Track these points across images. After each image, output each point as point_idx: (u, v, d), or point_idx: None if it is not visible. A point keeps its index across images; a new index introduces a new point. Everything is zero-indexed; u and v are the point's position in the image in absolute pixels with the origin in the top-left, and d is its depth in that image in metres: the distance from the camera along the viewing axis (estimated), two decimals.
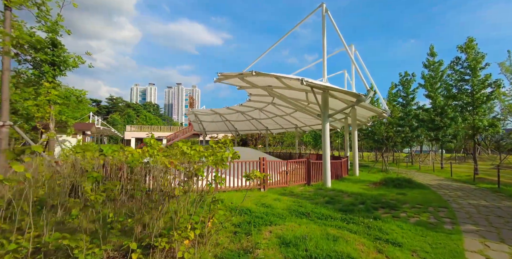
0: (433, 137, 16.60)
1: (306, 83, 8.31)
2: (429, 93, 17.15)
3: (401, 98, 22.18)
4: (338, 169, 11.53)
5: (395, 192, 8.15)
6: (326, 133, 9.24)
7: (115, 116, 65.98)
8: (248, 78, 11.86)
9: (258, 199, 6.41)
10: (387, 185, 9.45)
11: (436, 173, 14.97)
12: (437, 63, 17.19)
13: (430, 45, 17.67)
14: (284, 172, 9.01)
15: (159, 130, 45.20)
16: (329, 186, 9.02)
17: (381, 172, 14.68)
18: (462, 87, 13.85)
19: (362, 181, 10.82)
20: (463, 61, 13.69)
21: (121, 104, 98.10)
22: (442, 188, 9.33)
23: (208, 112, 26.90)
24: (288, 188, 8.58)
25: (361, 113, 14.47)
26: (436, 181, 11.52)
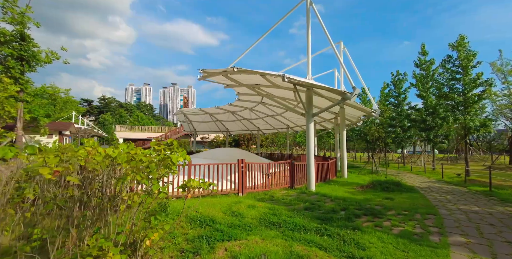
0: (425, 137, 16.22)
1: (287, 79, 7.76)
2: (421, 92, 16.78)
3: (393, 98, 21.86)
4: (325, 171, 11.01)
5: (382, 197, 7.64)
6: (310, 133, 8.71)
7: (106, 116, 64.69)
8: (232, 75, 11.29)
9: (230, 206, 5.81)
10: (375, 188, 8.95)
11: (428, 174, 14.58)
12: (429, 62, 16.84)
13: (422, 44, 17.33)
14: (266, 175, 8.44)
15: (150, 131, 44.31)
16: (313, 189, 8.48)
17: (372, 174, 14.22)
18: (454, 86, 13.49)
19: (349, 184, 10.32)
20: (455, 60, 13.33)
21: (113, 104, 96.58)
22: (432, 191, 8.86)
23: (198, 111, 26.20)
24: (270, 192, 8.00)
25: (351, 112, 14.00)
26: (426, 183, 11.08)
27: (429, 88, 16.69)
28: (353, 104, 11.90)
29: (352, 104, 12.10)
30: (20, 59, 10.40)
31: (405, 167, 19.01)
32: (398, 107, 21.12)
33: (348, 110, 13.79)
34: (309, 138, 8.73)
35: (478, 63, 12.63)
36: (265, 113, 23.45)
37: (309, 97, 8.94)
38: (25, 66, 10.49)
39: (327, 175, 11.20)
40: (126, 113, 76.39)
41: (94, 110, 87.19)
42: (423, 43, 17.32)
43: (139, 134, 42.49)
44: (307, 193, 8.12)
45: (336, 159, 13.09)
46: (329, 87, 8.11)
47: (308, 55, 9.21)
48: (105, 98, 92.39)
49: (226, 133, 32.20)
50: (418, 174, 15.08)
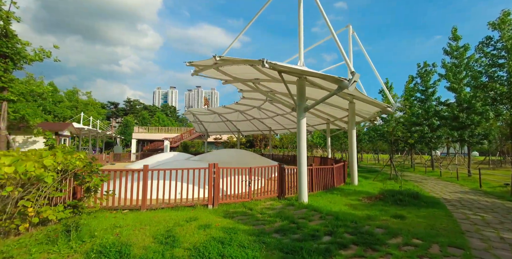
0: (457, 137, 13.64)
1: (268, 65, 6.32)
2: (452, 84, 14.21)
3: (419, 92, 19.16)
4: (327, 177, 9.29)
5: (391, 213, 5.85)
6: (302, 130, 7.15)
7: (129, 118, 67.26)
8: (223, 68, 10.11)
9: (176, 225, 4.53)
10: (385, 200, 7.12)
11: (461, 182, 12.08)
12: (462, 48, 14.21)
13: (453, 27, 14.72)
14: (246, 182, 7.03)
15: (166, 131, 44.75)
16: (305, 201, 6.90)
17: (389, 180, 12.10)
18: (495, 74, 10.95)
19: (356, 194, 8.52)
20: (496, 41, 10.80)
21: (138, 107, 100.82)
22: (464, 207, 6.81)
23: (206, 111, 25.44)
24: (250, 204, 6.60)
25: (364, 108, 12.05)
26: (457, 194, 8.87)
27: (462, 79, 14.07)
28: (363, 97, 10.04)
29: (361, 97, 10.24)
30: (3, 56, 10.09)
31: (434, 172, 16.35)
32: (425, 103, 18.39)
33: (360, 105, 11.86)
34: (300, 137, 7.17)
35: None
36: (274, 112, 21.96)
37: (300, 88, 7.38)
38: (9, 63, 10.16)
39: (330, 181, 9.47)
40: (148, 115, 78.98)
41: (120, 112, 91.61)
42: (454, 27, 14.72)
43: (156, 135, 43.04)
44: (295, 205, 6.58)
45: (343, 162, 11.24)
46: (321, 74, 6.50)
47: (299, 36, 7.64)
48: (130, 101, 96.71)
49: (238, 134, 31.14)
50: (449, 181, 12.60)
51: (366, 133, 30.26)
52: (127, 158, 28.60)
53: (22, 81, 11.22)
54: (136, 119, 76.48)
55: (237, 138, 31.53)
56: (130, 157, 28.94)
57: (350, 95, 10.89)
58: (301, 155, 7.11)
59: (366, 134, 30.88)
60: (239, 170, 6.90)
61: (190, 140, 38.56)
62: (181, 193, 5.99)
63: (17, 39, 10.41)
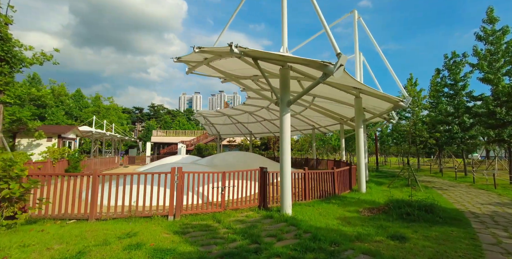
0: (494, 137, 11.45)
1: (238, 50, 5.38)
2: (486, 75, 12.06)
3: (447, 87, 16.86)
4: (325, 184, 8.01)
5: (390, 232, 4.52)
6: (285, 128, 6.06)
7: (151, 122, 69.76)
8: (216, 64, 9.39)
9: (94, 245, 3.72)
10: (389, 213, 5.72)
11: (499, 190, 9.97)
12: (499, 31, 12.05)
13: (488, 8, 12.60)
14: (219, 189, 6.08)
15: (183, 135, 45.40)
16: (288, 212, 5.77)
17: (407, 187, 10.37)
18: None
19: (358, 203, 7.15)
20: None
21: (162, 111, 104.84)
22: (496, 225, 5.19)
23: (216, 113, 24.96)
24: (222, 215, 5.67)
25: (373, 104, 10.54)
26: (491, 206, 7.08)
27: (500, 68, 11.90)
28: (369, 90, 8.64)
29: (367, 90, 8.84)
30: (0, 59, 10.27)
31: (466, 178, 14.00)
32: (454, 99, 16.07)
33: (369, 101, 10.38)
34: (283, 136, 6.09)
35: None
36: None
37: (284, 78, 6.30)
38: (5, 66, 10.32)
39: (329, 188, 8.16)
40: (170, 119, 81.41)
41: (145, 117, 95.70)
42: (490, 7, 12.58)
43: (173, 138, 43.80)
44: (275, 218, 5.49)
45: (350, 166, 9.79)
46: (304, 59, 5.37)
47: (283, 19, 6.59)
48: (154, 106, 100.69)
49: (250, 136, 30.27)
50: (484, 189, 10.50)
51: (389, 134, 27.76)
52: (142, 161, 29.06)
53: (21, 84, 11.42)
54: (159, 124, 79.27)
55: (250, 141, 30.66)
56: (145, 160, 29.40)
57: (356, 89, 9.52)
58: (284, 156, 6.01)
59: (389, 136, 28.34)
60: (209, 175, 5.96)
61: (205, 143, 38.50)
62: (137, 201, 5.21)
63: (15, 42, 10.57)
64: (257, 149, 38.15)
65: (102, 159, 19.47)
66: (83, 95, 43.29)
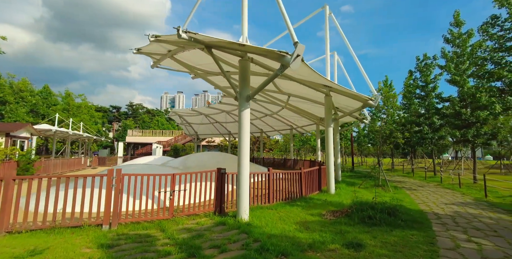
0: (460, 137, 11.69)
1: (187, 36, 4.80)
2: (453, 77, 12.32)
3: (418, 89, 17.25)
4: (292, 185, 7.60)
5: (348, 239, 4.14)
6: (244, 124, 5.56)
7: (128, 122, 66.84)
8: (180, 57, 8.70)
9: None
10: (352, 217, 5.38)
11: (464, 190, 10.12)
12: (465, 34, 12.35)
13: (455, 12, 12.91)
14: (167, 193, 5.44)
15: (160, 135, 43.75)
16: (244, 217, 5.25)
17: (377, 187, 10.26)
18: (503, 60, 9.11)
19: (324, 206, 6.80)
20: (504, 21, 8.99)
21: (141, 111, 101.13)
22: (456, 227, 5.00)
23: (192, 112, 24.05)
24: (169, 223, 5.05)
25: (344, 102, 10.35)
26: (454, 206, 7.01)
27: (465, 70, 12.18)
28: (339, 88, 8.38)
29: (337, 88, 8.58)
30: None
31: (435, 178, 14.30)
32: (425, 100, 16.46)
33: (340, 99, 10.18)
34: (242, 133, 5.58)
35: None
36: (262, 112, 20.37)
37: (243, 71, 5.79)
38: None
39: (297, 190, 7.77)
40: (149, 119, 78.51)
41: (122, 116, 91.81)
42: (456, 11, 12.89)
43: (150, 138, 42.07)
44: (229, 224, 4.95)
45: (319, 166, 9.48)
46: (264, 49, 4.90)
47: (243, 6, 6.10)
48: (132, 105, 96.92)
49: (229, 136, 29.59)
50: (450, 188, 10.64)
51: (365, 135, 28.22)
52: (114, 162, 27.44)
53: None
54: (137, 123, 76.23)
55: (229, 141, 29.98)
56: (117, 161, 27.78)
57: (326, 87, 9.26)
58: (242, 156, 5.50)
59: (366, 136, 28.83)
60: (155, 177, 5.30)
61: (183, 143, 37.28)
62: (64, 208, 4.45)
63: None
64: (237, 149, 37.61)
65: (65, 160, 17.97)
66: (51, 92, 40.38)
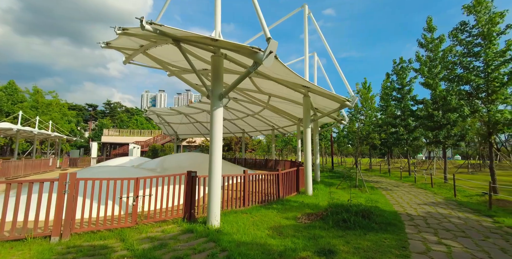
0: (432, 138, 12.12)
1: (152, 27, 4.41)
2: (427, 80, 12.75)
3: (395, 91, 17.78)
4: (268, 187, 7.38)
5: (321, 245, 3.97)
6: (216, 124, 5.26)
7: (104, 121, 63.73)
8: (153, 52, 8.17)
9: None
10: (326, 220, 5.24)
11: (435, 189, 10.46)
12: (437, 39, 12.83)
13: (428, 17, 13.38)
14: (129, 199, 4.99)
15: (138, 135, 42.09)
16: (215, 224, 4.93)
17: (354, 188, 10.34)
18: (471, 64, 9.50)
19: (300, 208, 6.63)
20: (472, 27, 9.37)
21: (119, 109, 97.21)
22: (428, 229, 5.01)
23: (171, 111, 23.22)
24: (131, 231, 4.62)
25: (322, 103, 10.34)
26: (426, 207, 7.13)
27: (437, 74, 12.65)
28: (316, 89, 8.30)
29: (315, 89, 8.51)
30: None
31: (409, 178, 14.79)
32: (401, 102, 16.99)
33: (318, 100, 10.14)
34: (214, 133, 5.27)
35: (508, 27, 8.61)
36: (244, 112, 20.07)
37: (215, 67, 5.47)
38: None
39: (274, 192, 7.56)
40: (128, 118, 75.41)
41: (99, 115, 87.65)
42: (429, 16, 13.37)
43: (127, 138, 40.30)
44: (197, 232, 4.61)
45: (298, 166, 9.36)
46: (236, 44, 4.62)
47: (216, 1, 5.79)
48: (110, 103, 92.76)
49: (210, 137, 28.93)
50: (423, 188, 10.97)
51: (345, 136, 28.83)
52: (87, 164, 25.88)
53: None
54: (114, 122, 73.00)
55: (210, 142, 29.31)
56: (90, 162, 26.22)
57: (305, 87, 9.15)
58: (213, 157, 5.18)
59: (345, 137, 29.46)
60: (116, 182, 4.84)
61: (162, 144, 36.07)
62: (3, 218, 3.88)
63: None
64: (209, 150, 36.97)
65: (30, 161, 16.57)
66: (17, 88, 37.47)
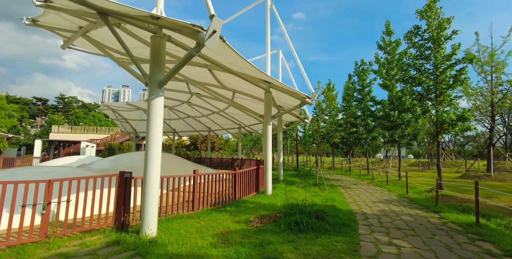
0: (389, 138, 12.64)
1: None
2: (384, 81, 13.29)
3: (356, 92, 18.43)
4: (224, 188, 6.80)
5: (266, 254, 3.51)
6: (155, 116, 4.50)
7: (55, 116, 57.20)
8: (95, 35, 7.02)
9: None
10: (279, 223, 4.83)
11: (390, 187, 10.87)
12: (394, 43, 13.43)
13: (386, 21, 13.96)
14: (37, 206, 4.03)
15: (94, 132, 38.46)
16: (149, 233, 4.19)
17: (314, 187, 10.26)
18: (422, 67, 9.98)
19: (256, 210, 6.17)
20: (424, 31, 9.83)
21: (75, 104, 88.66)
22: (380, 228, 4.89)
23: (128, 107, 21.31)
24: (38, 246, 3.70)
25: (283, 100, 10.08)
26: (381, 204, 7.20)
27: (394, 76, 13.23)
28: (277, 84, 7.95)
29: (276, 84, 8.14)
30: None
31: (368, 176, 15.39)
32: (361, 103, 17.66)
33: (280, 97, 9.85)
34: (151, 126, 4.50)
35: (454, 33, 9.19)
36: (209, 109, 19.14)
37: (155, 50, 4.71)
38: None
39: (229, 193, 7.00)
40: (84, 114, 68.75)
41: (50, 110, 78.83)
42: (388, 20, 13.96)
43: (81, 135, 36.52)
44: (126, 244, 3.84)
45: (258, 165, 8.94)
46: (174, 21, 3.93)
47: None
48: (64, 97, 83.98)
49: (173, 135, 27.43)
50: (379, 185, 11.35)
51: (310, 135, 29.47)
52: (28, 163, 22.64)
53: None
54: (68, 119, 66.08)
55: (173, 140, 27.79)
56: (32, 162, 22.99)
57: (266, 82, 8.75)
58: (150, 154, 4.42)
59: (310, 136, 30.12)
60: (17, 186, 3.84)
61: (120, 142, 33.33)
62: None
63: None
64: (185, 149, 35.33)
65: None
66: None
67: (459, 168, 20.38)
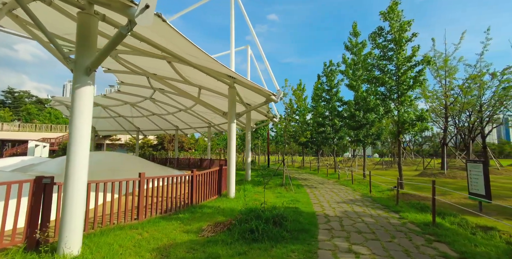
0: (354, 137, 12.83)
1: None
2: (351, 81, 13.48)
3: (325, 92, 18.65)
4: (178, 192, 6.11)
5: None
6: (80, 107, 3.71)
7: (2, 112, 50.78)
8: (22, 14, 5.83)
9: None
10: (233, 231, 4.32)
11: (355, 186, 10.97)
12: (360, 44, 13.68)
13: (353, 23, 14.18)
14: None
15: (48, 130, 34.71)
16: (70, 252, 3.41)
17: (281, 187, 9.96)
18: (385, 67, 10.17)
19: (212, 216, 5.59)
20: (387, 33, 10.02)
21: (28, 100, 79.93)
22: (341, 232, 4.61)
23: None
24: None
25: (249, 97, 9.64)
26: (344, 205, 7.05)
27: (360, 76, 13.47)
28: (241, 79, 7.44)
29: (240, 80, 7.64)
30: None
31: (335, 175, 15.59)
32: (329, 103, 17.91)
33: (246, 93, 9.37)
34: (75, 119, 3.69)
35: (414, 36, 9.48)
36: (175, 107, 17.99)
37: (83, 28, 3.90)
38: None
39: (185, 197, 6.32)
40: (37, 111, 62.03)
41: None
42: (355, 22, 14.19)
43: (32, 134, 32.66)
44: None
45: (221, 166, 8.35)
46: None
47: None
48: (13, 92, 75.14)
49: (137, 133, 25.62)
50: (345, 184, 11.42)
51: (281, 135, 29.53)
52: None
53: None
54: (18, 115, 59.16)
55: (137, 139, 25.95)
56: None
57: (231, 78, 8.20)
58: (74, 154, 3.62)
59: (282, 136, 30.20)
60: None
61: None
62: None
63: None
64: (151, 149, 33.34)
65: None
66: None
67: (418, 166, 21.75)
